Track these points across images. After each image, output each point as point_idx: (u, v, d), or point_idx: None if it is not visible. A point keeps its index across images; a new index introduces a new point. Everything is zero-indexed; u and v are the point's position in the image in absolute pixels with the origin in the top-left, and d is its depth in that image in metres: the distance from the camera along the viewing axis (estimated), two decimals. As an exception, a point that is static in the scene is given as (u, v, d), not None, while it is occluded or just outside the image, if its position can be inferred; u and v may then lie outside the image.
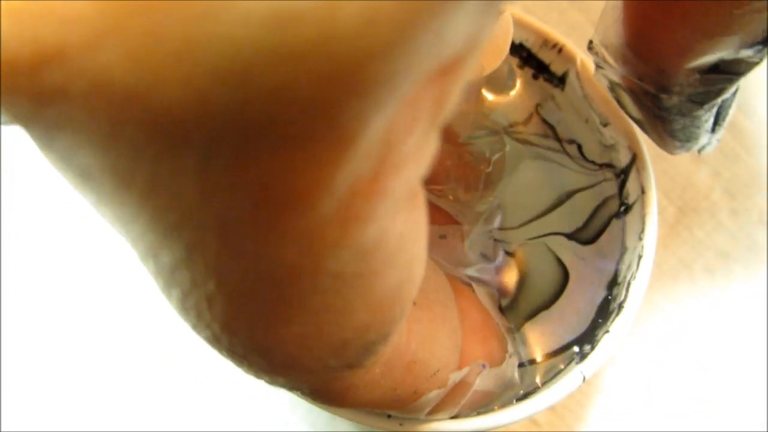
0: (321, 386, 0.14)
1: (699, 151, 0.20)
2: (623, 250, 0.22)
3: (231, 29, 0.07)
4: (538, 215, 0.23)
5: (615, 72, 0.18)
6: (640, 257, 0.21)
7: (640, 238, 0.21)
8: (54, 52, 0.07)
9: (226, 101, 0.07)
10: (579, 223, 0.23)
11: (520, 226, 0.23)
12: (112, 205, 0.10)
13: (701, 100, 0.17)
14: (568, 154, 0.23)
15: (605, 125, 0.22)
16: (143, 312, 0.27)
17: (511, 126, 0.24)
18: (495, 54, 0.20)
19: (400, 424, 0.18)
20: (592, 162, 0.23)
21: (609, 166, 0.23)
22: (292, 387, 0.14)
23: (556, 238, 0.23)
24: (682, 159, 0.29)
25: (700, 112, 0.18)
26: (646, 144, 0.21)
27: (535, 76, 0.23)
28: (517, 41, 0.23)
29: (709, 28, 0.15)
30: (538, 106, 0.24)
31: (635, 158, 0.22)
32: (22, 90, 0.08)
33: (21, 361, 0.26)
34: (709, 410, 0.26)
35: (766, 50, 0.16)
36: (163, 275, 0.11)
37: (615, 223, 0.22)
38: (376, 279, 0.11)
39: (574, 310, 0.22)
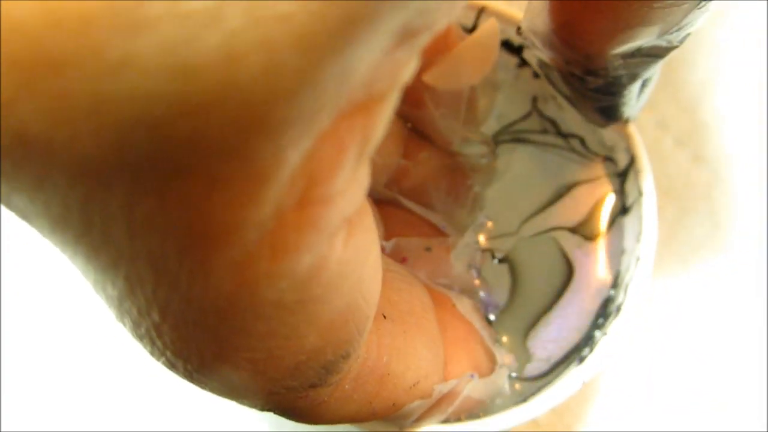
0: (288, 405, 0.14)
1: (625, 120, 0.21)
2: (622, 251, 0.22)
3: (135, 84, 0.07)
4: (538, 210, 0.23)
5: (544, 54, 0.19)
6: (638, 259, 0.20)
7: (638, 240, 0.21)
8: None
9: (139, 149, 0.08)
10: (580, 217, 0.23)
11: (521, 224, 0.23)
12: (54, 243, 0.10)
13: (625, 81, 0.18)
14: (570, 147, 0.23)
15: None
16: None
17: (507, 126, 0.24)
18: (484, 59, 0.20)
19: (400, 426, 0.18)
20: (595, 153, 0.23)
21: (610, 160, 0.23)
22: (260, 408, 0.14)
23: (561, 233, 0.23)
24: (682, 159, 0.28)
25: (624, 91, 0.19)
26: (645, 146, 0.21)
27: (535, 75, 0.23)
28: (517, 44, 0.23)
29: (631, 20, 0.16)
30: (537, 102, 0.24)
31: (633, 161, 0.22)
32: None
33: (21, 361, 0.26)
34: (709, 410, 0.26)
35: (684, 34, 0.17)
36: (113, 305, 0.11)
37: (617, 223, 0.22)
38: (321, 305, 0.11)
39: (575, 309, 0.22)
